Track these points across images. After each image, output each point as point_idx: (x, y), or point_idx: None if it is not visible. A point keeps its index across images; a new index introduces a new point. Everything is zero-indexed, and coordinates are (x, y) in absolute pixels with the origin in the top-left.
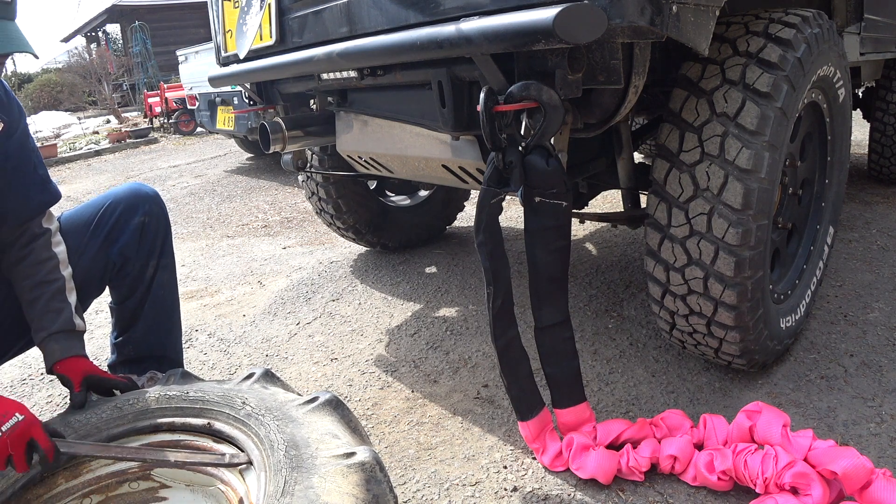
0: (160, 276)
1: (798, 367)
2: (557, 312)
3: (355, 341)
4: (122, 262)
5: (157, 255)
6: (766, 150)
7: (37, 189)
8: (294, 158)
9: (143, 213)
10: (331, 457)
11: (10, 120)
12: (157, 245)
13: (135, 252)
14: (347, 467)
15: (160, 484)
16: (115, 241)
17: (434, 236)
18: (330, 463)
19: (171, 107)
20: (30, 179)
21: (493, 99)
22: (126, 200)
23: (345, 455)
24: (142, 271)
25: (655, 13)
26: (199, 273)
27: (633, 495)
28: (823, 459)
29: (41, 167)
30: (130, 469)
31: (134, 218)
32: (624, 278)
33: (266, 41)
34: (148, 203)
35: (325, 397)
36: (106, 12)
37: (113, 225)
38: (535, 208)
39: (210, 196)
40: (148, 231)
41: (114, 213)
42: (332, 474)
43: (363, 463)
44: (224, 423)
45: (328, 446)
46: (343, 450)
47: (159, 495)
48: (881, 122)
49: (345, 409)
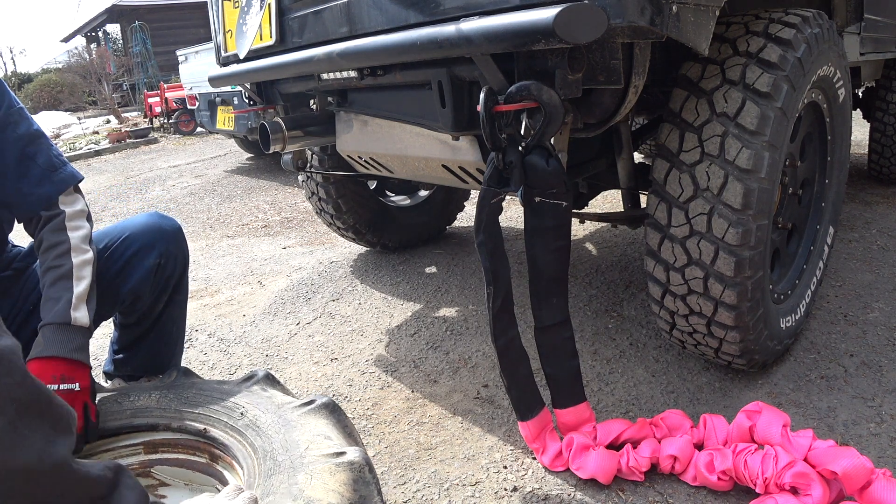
0: (170, 311)
1: (798, 367)
2: (557, 312)
3: (355, 341)
4: (133, 300)
5: (169, 292)
6: (766, 150)
7: (32, 183)
8: (294, 158)
9: (160, 255)
10: (320, 455)
11: None
12: (172, 283)
13: (147, 291)
14: (336, 465)
15: (159, 482)
16: (127, 279)
17: (434, 236)
18: (318, 461)
19: (171, 107)
20: (21, 172)
21: (493, 99)
22: (143, 238)
23: (334, 454)
24: (152, 306)
25: (655, 13)
26: (199, 273)
27: (633, 495)
28: (823, 459)
29: (42, 156)
30: (131, 465)
31: (149, 259)
32: (624, 278)
33: (266, 41)
34: (166, 242)
35: (322, 401)
36: (106, 12)
37: (126, 262)
38: (535, 208)
39: (210, 196)
40: (163, 272)
41: (129, 248)
42: (319, 472)
43: (352, 462)
44: (220, 430)
45: (319, 446)
46: (333, 449)
47: (158, 493)
48: (881, 122)
49: (340, 412)
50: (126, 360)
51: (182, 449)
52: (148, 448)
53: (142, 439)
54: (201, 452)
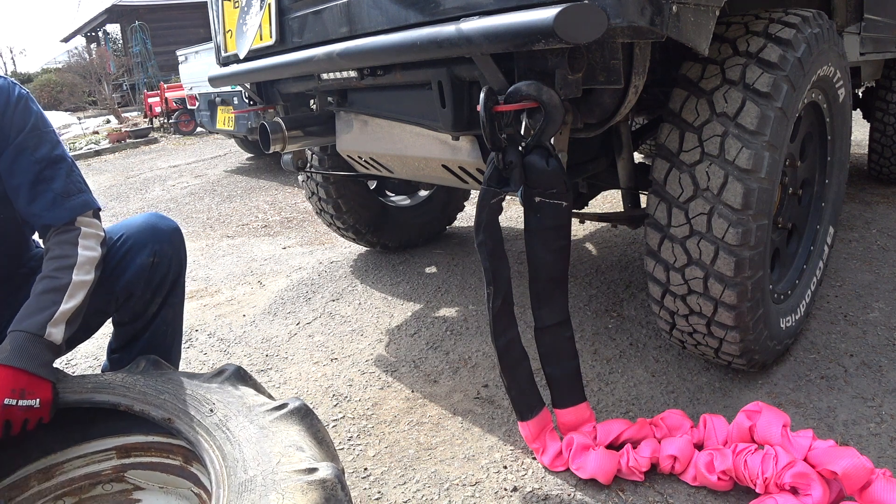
0: (164, 313)
1: (798, 367)
2: (557, 312)
3: (355, 341)
4: (127, 297)
5: (163, 294)
6: (766, 150)
7: (44, 206)
8: (294, 158)
9: (153, 253)
10: (292, 471)
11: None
12: (166, 284)
13: (140, 289)
14: (308, 483)
15: (134, 486)
16: (121, 276)
17: (434, 236)
18: (290, 478)
19: (171, 107)
20: (34, 194)
21: (493, 99)
22: (137, 236)
23: (306, 471)
24: (146, 307)
25: (655, 13)
26: (199, 273)
27: (633, 495)
28: (823, 459)
29: (59, 181)
30: (104, 471)
31: (140, 256)
32: (624, 278)
33: (266, 41)
34: (160, 242)
35: (295, 405)
36: (106, 12)
37: (120, 259)
38: (535, 208)
39: (210, 196)
40: (157, 271)
41: (122, 246)
42: (291, 490)
43: (324, 480)
44: (185, 424)
45: (291, 460)
46: (305, 464)
47: (133, 497)
48: (881, 122)
49: (314, 418)
50: (121, 359)
51: (155, 452)
52: (120, 453)
53: (113, 444)
54: (174, 455)
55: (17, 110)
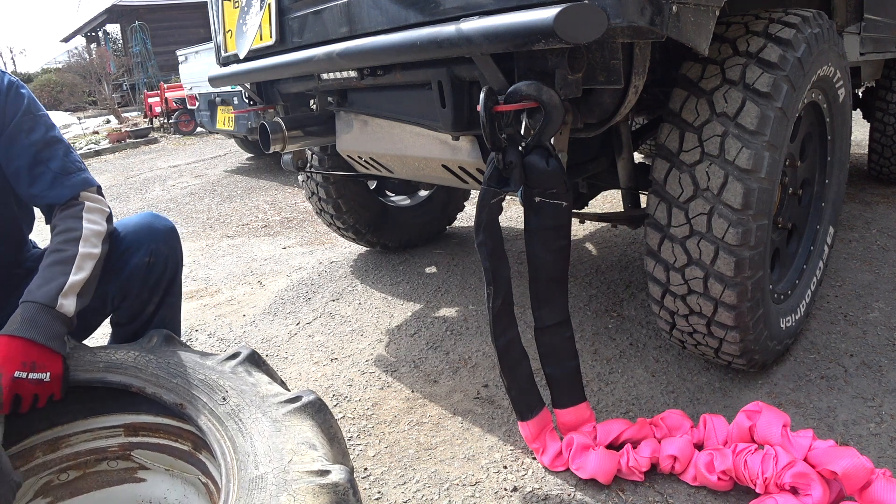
0: (162, 313)
1: (798, 367)
2: (557, 312)
3: (355, 341)
4: (122, 297)
5: (160, 294)
6: (766, 150)
7: (44, 186)
8: (294, 158)
9: (148, 253)
10: (304, 472)
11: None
12: (163, 284)
13: (136, 290)
14: (320, 486)
15: (140, 465)
16: (117, 275)
17: (434, 236)
18: (302, 479)
19: (171, 107)
20: (33, 176)
21: (493, 99)
22: (133, 236)
23: (319, 472)
24: (143, 307)
25: (655, 13)
26: (199, 273)
27: (633, 495)
28: (823, 459)
29: (56, 161)
30: (110, 447)
31: (136, 256)
32: (624, 278)
33: (266, 41)
34: (156, 242)
35: (309, 398)
36: (106, 12)
37: (116, 259)
38: (535, 208)
39: (210, 196)
40: (153, 270)
41: (119, 246)
42: (302, 492)
43: (336, 485)
44: (198, 411)
45: (303, 459)
46: (318, 465)
47: (138, 476)
48: (881, 122)
49: (327, 413)
50: None
51: (164, 434)
52: (128, 431)
53: (122, 421)
54: (183, 440)
55: (10, 98)
